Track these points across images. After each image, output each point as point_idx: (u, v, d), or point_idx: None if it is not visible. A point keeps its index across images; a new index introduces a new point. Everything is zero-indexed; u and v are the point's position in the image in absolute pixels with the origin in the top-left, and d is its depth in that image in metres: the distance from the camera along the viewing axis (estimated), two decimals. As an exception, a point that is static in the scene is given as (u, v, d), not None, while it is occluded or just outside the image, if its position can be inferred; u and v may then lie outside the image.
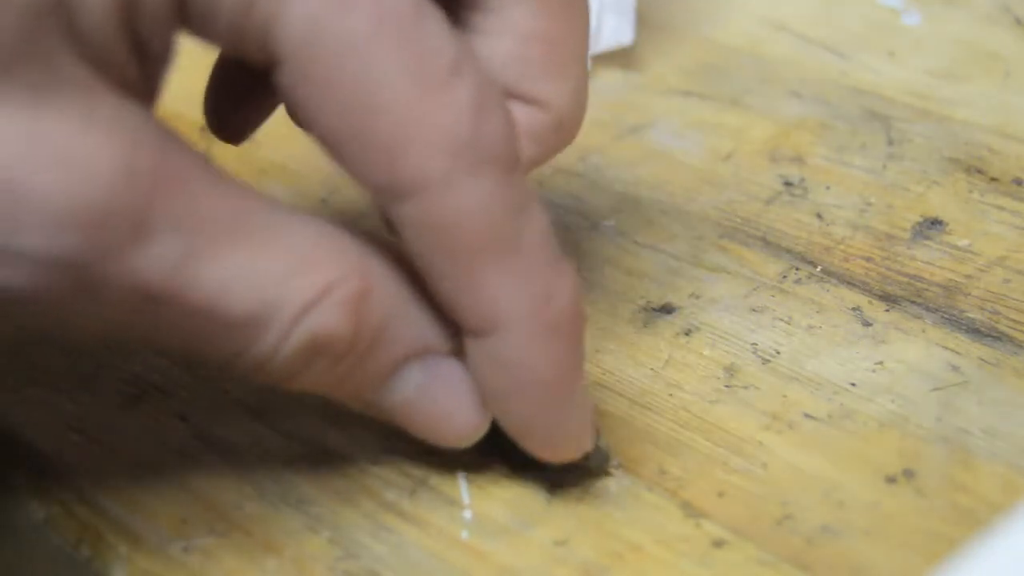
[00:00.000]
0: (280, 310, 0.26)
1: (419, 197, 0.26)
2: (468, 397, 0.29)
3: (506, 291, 0.27)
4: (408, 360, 0.28)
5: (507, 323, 0.27)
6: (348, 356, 0.27)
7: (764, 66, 0.45)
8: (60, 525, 0.31)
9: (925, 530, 0.29)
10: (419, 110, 0.26)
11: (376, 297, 0.27)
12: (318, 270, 0.27)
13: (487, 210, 0.26)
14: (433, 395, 0.29)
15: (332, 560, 0.29)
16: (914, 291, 0.35)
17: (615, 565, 0.28)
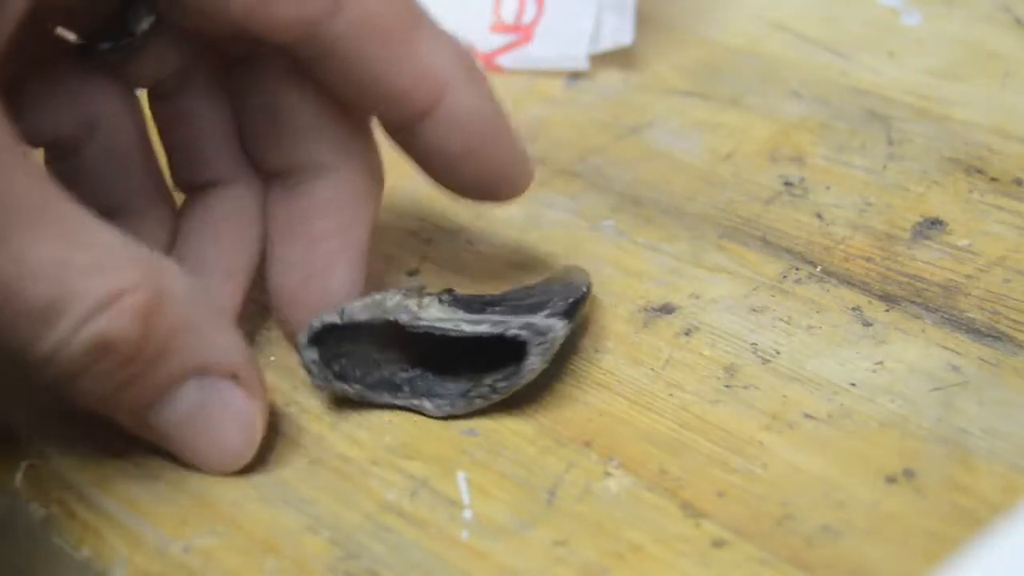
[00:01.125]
0: (73, 305, 0.27)
1: (347, 4, 0.31)
2: (240, 421, 0.30)
3: (439, 53, 0.33)
4: (188, 375, 0.29)
5: (452, 80, 0.32)
6: (132, 362, 0.28)
7: (764, 66, 0.45)
8: (60, 525, 0.31)
9: (925, 530, 0.29)
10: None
11: (167, 309, 0.28)
12: (115, 273, 0.28)
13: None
14: (206, 415, 0.30)
15: (332, 560, 0.29)
16: (914, 291, 0.35)
17: (615, 565, 0.28)
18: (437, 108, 0.33)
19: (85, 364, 0.28)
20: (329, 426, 0.32)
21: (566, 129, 0.43)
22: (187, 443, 0.30)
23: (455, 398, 0.32)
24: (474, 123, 0.33)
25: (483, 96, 0.33)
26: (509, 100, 0.44)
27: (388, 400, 0.32)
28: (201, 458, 0.31)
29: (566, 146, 0.42)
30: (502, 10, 0.46)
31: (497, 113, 0.34)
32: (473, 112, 0.33)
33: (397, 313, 0.32)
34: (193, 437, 0.30)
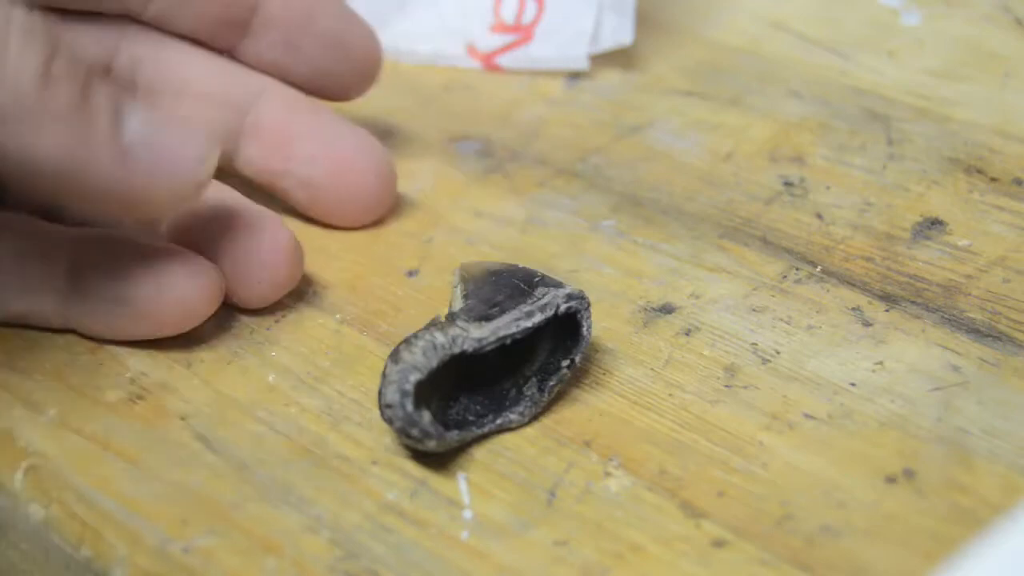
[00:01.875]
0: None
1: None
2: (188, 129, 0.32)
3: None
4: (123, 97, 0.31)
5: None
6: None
7: (764, 66, 0.45)
8: (60, 525, 0.31)
9: (925, 530, 0.29)
10: None
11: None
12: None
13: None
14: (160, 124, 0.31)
15: (332, 560, 0.29)
16: (914, 291, 0.35)
17: (615, 565, 0.28)
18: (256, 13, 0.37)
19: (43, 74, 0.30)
20: (329, 426, 0.32)
21: (566, 129, 0.43)
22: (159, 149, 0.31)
23: (531, 398, 0.32)
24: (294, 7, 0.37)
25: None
26: (509, 100, 0.44)
27: (478, 432, 0.32)
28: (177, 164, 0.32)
29: (566, 146, 0.42)
30: (502, 10, 0.46)
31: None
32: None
33: (459, 346, 0.31)
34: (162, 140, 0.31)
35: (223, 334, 0.35)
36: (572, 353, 0.32)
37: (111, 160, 0.31)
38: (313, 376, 0.34)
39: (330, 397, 0.33)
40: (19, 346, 0.35)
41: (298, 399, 0.33)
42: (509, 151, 0.42)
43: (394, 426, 0.30)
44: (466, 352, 0.31)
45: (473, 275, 0.33)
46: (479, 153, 0.42)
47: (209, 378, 0.34)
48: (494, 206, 0.39)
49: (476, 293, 0.32)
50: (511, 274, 0.33)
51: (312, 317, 0.35)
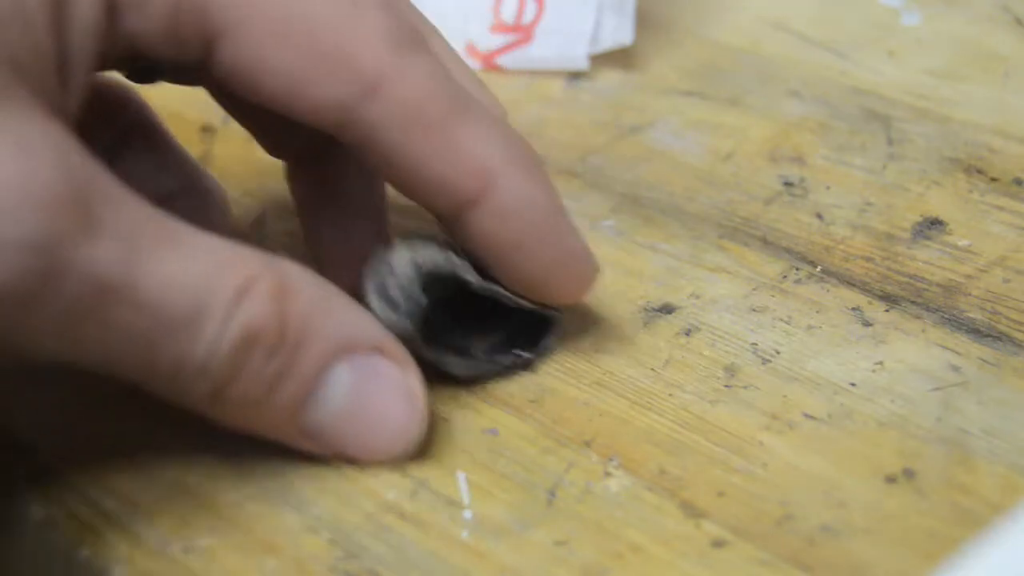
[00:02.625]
0: (212, 303, 0.28)
1: (382, 91, 0.30)
2: (401, 393, 0.30)
3: (486, 140, 0.31)
4: (335, 357, 0.29)
5: (501, 168, 0.31)
6: (279, 350, 0.28)
7: (764, 66, 0.45)
8: (60, 525, 0.31)
9: (925, 530, 0.29)
10: (350, 22, 0.30)
11: (296, 291, 0.29)
12: (238, 267, 0.28)
13: (437, 78, 0.30)
14: (365, 395, 0.30)
15: (332, 560, 0.29)
16: (914, 291, 0.35)
17: (615, 565, 0.28)
18: (485, 198, 0.31)
19: (237, 363, 0.28)
20: (329, 426, 0.32)
21: (566, 129, 0.43)
22: (350, 432, 0.30)
23: (480, 359, 0.33)
24: (526, 215, 0.31)
25: (536, 185, 0.31)
26: (509, 100, 0.44)
27: (425, 353, 0.32)
28: (369, 445, 0.30)
29: (566, 146, 0.42)
30: (502, 10, 0.46)
31: (552, 204, 0.32)
32: (524, 203, 0.31)
33: (464, 272, 0.32)
34: (355, 424, 0.30)
35: (223, 334, 0.35)
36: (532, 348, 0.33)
37: (289, 438, 0.30)
38: (313, 376, 0.34)
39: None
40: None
41: (298, 399, 0.33)
42: (509, 151, 0.42)
43: (389, 285, 0.31)
44: (467, 282, 0.32)
45: (398, 244, 0.34)
46: (479, 153, 0.42)
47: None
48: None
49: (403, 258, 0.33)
50: (436, 242, 0.34)
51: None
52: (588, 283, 0.33)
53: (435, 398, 0.33)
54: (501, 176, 0.31)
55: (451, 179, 0.31)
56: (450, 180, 0.31)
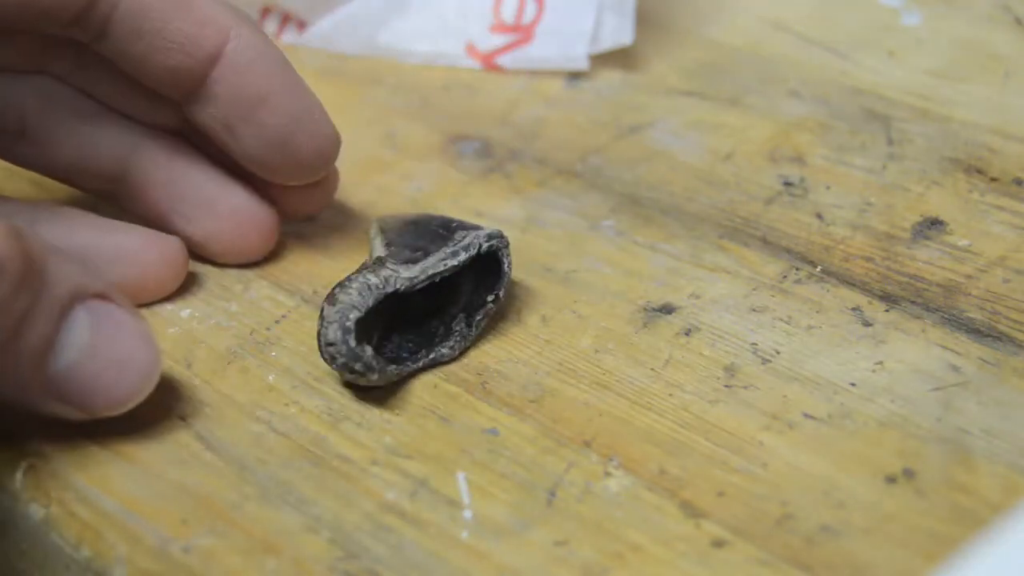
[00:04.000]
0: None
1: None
2: (138, 334, 0.30)
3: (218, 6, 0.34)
4: (74, 301, 0.29)
5: (235, 24, 0.34)
6: (26, 286, 0.28)
7: (764, 66, 0.45)
8: (60, 525, 0.31)
9: (925, 530, 0.29)
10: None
11: (28, 234, 0.28)
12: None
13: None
14: (106, 341, 0.30)
15: (332, 560, 0.29)
16: (914, 291, 0.35)
17: (615, 565, 0.28)
18: (225, 52, 0.34)
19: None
20: (329, 426, 0.32)
21: (566, 129, 0.43)
22: (95, 379, 0.30)
23: (460, 333, 0.34)
24: (264, 65, 0.34)
25: (267, 41, 0.34)
26: (509, 100, 0.44)
27: (413, 366, 0.34)
28: (114, 391, 0.30)
29: (566, 146, 0.42)
30: (502, 10, 0.46)
31: (284, 60, 0.35)
32: (261, 54, 0.34)
33: (391, 285, 0.33)
34: (99, 370, 0.30)
35: (223, 334, 0.35)
36: (496, 288, 0.34)
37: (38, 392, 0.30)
38: (313, 376, 0.34)
39: (330, 397, 0.33)
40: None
41: (298, 399, 0.33)
42: (509, 151, 0.42)
43: (336, 363, 0.32)
44: (398, 291, 0.33)
45: (392, 225, 0.36)
46: (479, 153, 0.42)
47: (209, 378, 0.34)
48: (494, 206, 0.39)
49: (398, 240, 0.35)
50: (428, 221, 0.35)
51: (312, 317, 0.35)
52: (332, 143, 0.35)
53: (435, 398, 0.33)
54: (235, 30, 0.34)
55: (193, 35, 0.33)
56: (192, 36, 0.33)
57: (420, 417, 0.32)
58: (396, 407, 0.33)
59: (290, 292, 0.36)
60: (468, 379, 0.33)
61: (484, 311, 0.34)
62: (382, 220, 0.36)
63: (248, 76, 0.34)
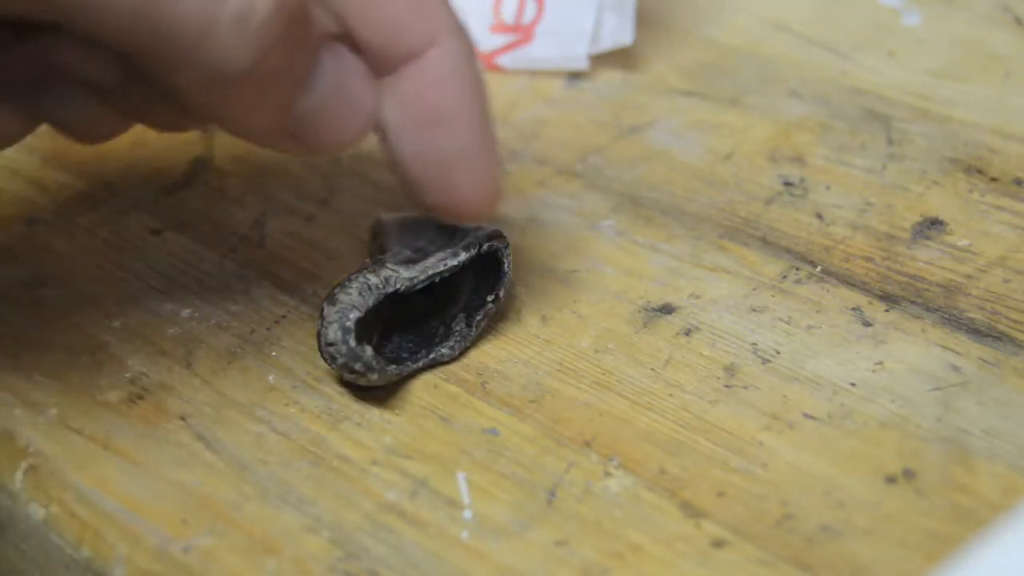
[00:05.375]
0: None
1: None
2: (365, 76, 0.30)
3: (443, 3, 0.30)
4: (324, 42, 0.29)
5: (450, 30, 0.30)
6: (298, 23, 0.28)
7: (764, 66, 0.45)
8: (60, 525, 0.31)
9: (925, 530, 0.29)
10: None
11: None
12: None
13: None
14: (344, 83, 0.30)
15: (332, 560, 0.29)
16: (914, 291, 0.35)
17: (615, 565, 0.28)
18: (428, 53, 0.30)
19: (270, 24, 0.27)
20: (329, 426, 0.32)
21: (566, 129, 0.43)
22: (330, 118, 0.30)
23: (460, 333, 0.34)
24: (457, 85, 0.30)
25: (472, 61, 0.31)
26: (509, 100, 0.44)
27: (413, 366, 0.34)
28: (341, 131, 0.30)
29: (566, 146, 0.42)
30: (502, 10, 0.46)
31: (481, 87, 0.31)
32: (460, 72, 0.30)
33: (391, 285, 0.33)
34: (335, 109, 0.30)
35: (223, 334, 0.35)
36: (496, 289, 0.34)
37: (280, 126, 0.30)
38: (313, 376, 0.34)
39: (330, 397, 0.33)
40: (19, 345, 0.35)
41: (298, 399, 0.33)
42: (509, 151, 0.42)
43: (336, 363, 0.32)
44: (398, 291, 0.33)
45: (392, 225, 0.36)
46: (479, 153, 0.42)
47: (209, 378, 0.34)
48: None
49: (398, 240, 0.35)
50: (428, 221, 0.35)
51: (312, 317, 0.35)
52: (489, 195, 0.32)
53: (435, 398, 0.33)
54: (447, 36, 0.30)
55: (405, 22, 0.30)
56: (404, 23, 0.30)
57: (420, 417, 0.32)
58: (396, 407, 0.33)
59: (290, 292, 0.36)
60: (468, 379, 0.33)
61: (484, 311, 0.34)
62: (382, 220, 0.36)
63: (437, 89, 0.30)
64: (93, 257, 0.38)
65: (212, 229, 0.39)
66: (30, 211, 0.40)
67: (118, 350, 0.34)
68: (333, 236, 0.38)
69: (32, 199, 0.40)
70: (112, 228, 0.39)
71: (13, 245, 0.38)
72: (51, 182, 0.38)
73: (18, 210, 0.40)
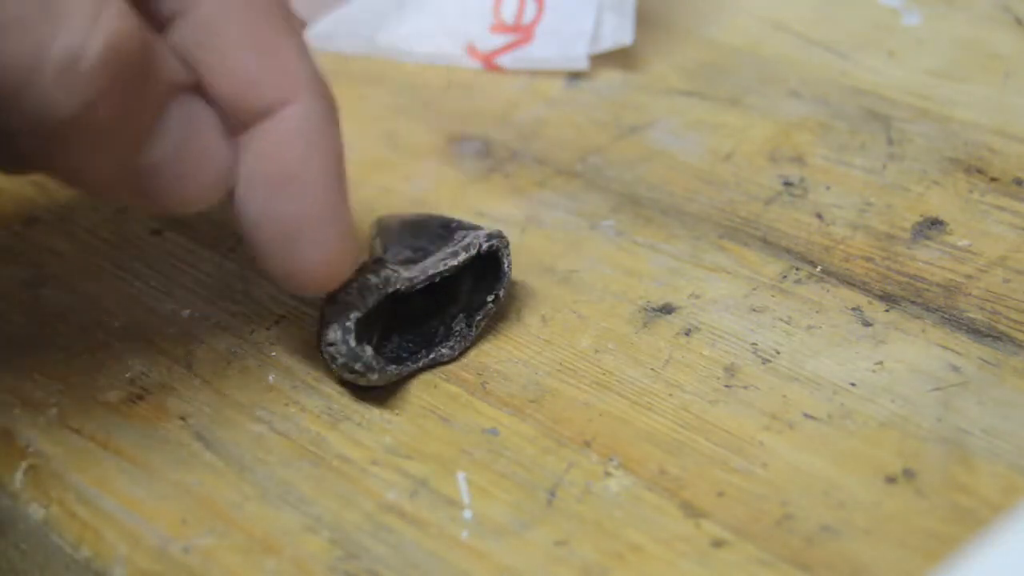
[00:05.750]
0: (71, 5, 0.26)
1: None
2: (219, 134, 0.29)
3: (304, 59, 0.29)
4: (174, 92, 0.28)
5: (309, 89, 0.29)
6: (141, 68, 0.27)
7: (764, 66, 0.45)
8: (60, 525, 0.31)
9: (925, 530, 0.29)
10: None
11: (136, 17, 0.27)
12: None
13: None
14: (193, 137, 0.28)
15: (332, 560, 0.29)
16: (914, 291, 0.35)
17: (615, 565, 0.28)
18: (283, 111, 0.29)
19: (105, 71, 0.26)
20: (329, 426, 0.32)
21: (566, 129, 0.43)
22: (177, 174, 0.28)
23: (459, 333, 0.34)
24: (310, 145, 0.29)
25: (330, 122, 0.30)
26: (509, 100, 0.44)
27: (413, 366, 0.34)
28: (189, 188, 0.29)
29: (566, 146, 0.42)
30: (502, 10, 0.46)
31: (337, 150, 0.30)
32: (315, 133, 0.29)
33: (391, 285, 0.33)
34: (183, 165, 0.28)
35: (223, 334, 0.35)
36: (496, 289, 0.34)
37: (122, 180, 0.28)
38: (313, 376, 0.34)
39: (330, 397, 0.33)
40: (19, 345, 0.35)
41: (298, 399, 0.33)
42: (509, 151, 0.42)
43: (336, 363, 0.32)
44: (399, 291, 0.33)
45: (392, 225, 0.36)
46: (479, 153, 0.42)
47: (209, 378, 0.34)
48: (494, 206, 0.39)
49: (398, 240, 0.35)
50: (428, 221, 0.35)
51: (312, 317, 0.35)
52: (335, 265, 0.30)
53: (435, 398, 0.33)
54: (303, 94, 0.29)
55: (259, 76, 0.29)
56: (257, 77, 0.29)
57: (420, 417, 0.32)
58: (396, 407, 0.33)
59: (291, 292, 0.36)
60: (468, 379, 0.33)
61: (484, 311, 0.34)
62: (382, 220, 0.36)
63: (284, 148, 0.29)
64: (93, 257, 0.38)
65: (212, 229, 0.39)
66: (30, 211, 0.40)
67: (118, 350, 0.34)
68: (333, 236, 0.38)
69: (32, 199, 0.40)
70: (112, 228, 0.39)
71: (13, 245, 0.38)
72: (51, 182, 0.38)
73: (18, 210, 0.40)
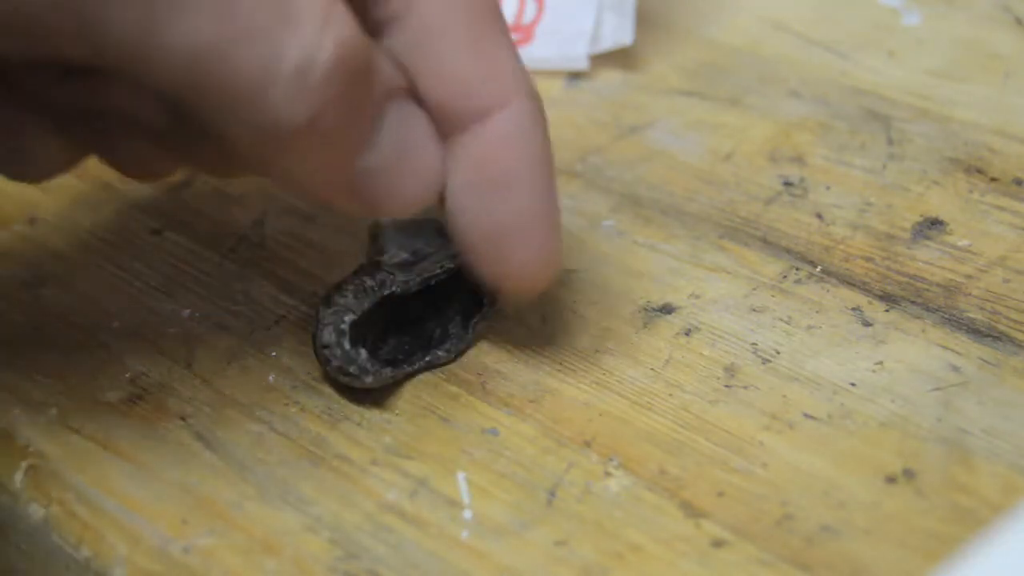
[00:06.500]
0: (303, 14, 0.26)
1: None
2: (432, 136, 0.29)
3: (516, 63, 0.30)
4: (390, 97, 0.29)
5: (521, 92, 0.29)
6: (361, 78, 0.27)
7: (764, 66, 0.45)
8: (60, 525, 0.31)
9: (925, 530, 0.29)
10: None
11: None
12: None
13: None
14: (409, 141, 0.29)
15: (332, 560, 0.29)
16: (914, 291, 0.35)
17: (615, 565, 0.28)
18: (496, 114, 0.29)
19: (331, 81, 0.27)
20: (329, 426, 0.32)
21: (566, 129, 0.43)
22: (393, 178, 0.29)
23: (456, 336, 0.34)
24: (524, 148, 0.30)
25: (541, 123, 0.30)
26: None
27: (408, 369, 0.33)
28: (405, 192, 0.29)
29: (566, 146, 0.42)
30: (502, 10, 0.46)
31: (547, 150, 0.30)
32: (527, 135, 0.30)
33: (388, 287, 0.33)
34: (400, 169, 0.29)
35: (223, 334, 0.35)
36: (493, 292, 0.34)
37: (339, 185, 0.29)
38: (313, 376, 0.34)
39: (330, 397, 0.33)
40: (19, 345, 0.35)
41: (298, 399, 0.33)
42: (509, 151, 0.42)
43: (331, 365, 0.32)
44: (395, 293, 0.33)
45: (390, 227, 0.36)
46: (479, 153, 0.42)
47: (209, 378, 0.34)
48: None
49: (395, 242, 0.35)
50: (427, 223, 0.35)
51: (312, 317, 0.35)
52: (546, 265, 0.31)
53: (435, 398, 0.33)
54: (517, 98, 0.29)
55: (476, 81, 0.29)
56: (474, 82, 0.29)
57: (420, 417, 0.32)
58: (396, 407, 0.33)
59: (290, 292, 0.36)
60: (468, 379, 0.33)
61: (481, 314, 0.34)
62: (380, 222, 0.36)
63: (499, 151, 0.29)
64: (93, 257, 0.38)
65: (212, 229, 0.39)
66: (30, 211, 0.40)
67: (118, 350, 0.34)
68: (333, 236, 0.38)
69: (32, 199, 0.40)
70: (112, 228, 0.39)
71: (13, 245, 0.38)
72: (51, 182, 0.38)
73: (18, 210, 0.40)
